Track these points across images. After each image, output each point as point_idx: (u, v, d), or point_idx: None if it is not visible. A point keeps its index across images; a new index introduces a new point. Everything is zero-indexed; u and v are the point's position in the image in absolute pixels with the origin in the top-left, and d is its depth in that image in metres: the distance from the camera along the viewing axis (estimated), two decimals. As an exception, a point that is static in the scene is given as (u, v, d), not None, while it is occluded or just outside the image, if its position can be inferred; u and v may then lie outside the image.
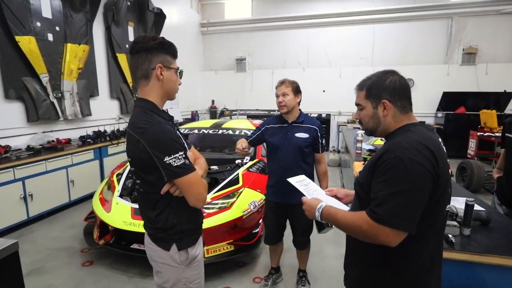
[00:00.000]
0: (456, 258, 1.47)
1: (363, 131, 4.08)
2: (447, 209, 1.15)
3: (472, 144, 6.30)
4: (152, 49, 1.25)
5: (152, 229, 1.36)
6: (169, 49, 1.30)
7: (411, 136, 1.05)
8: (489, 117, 6.14)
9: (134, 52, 1.26)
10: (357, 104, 1.23)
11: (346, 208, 1.30)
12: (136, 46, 1.26)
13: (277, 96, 2.24)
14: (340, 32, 8.85)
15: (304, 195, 1.36)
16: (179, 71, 1.36)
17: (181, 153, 1.22)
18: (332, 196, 1.42)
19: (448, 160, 1.09)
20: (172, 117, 1.41)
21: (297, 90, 2.25)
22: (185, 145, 1.37)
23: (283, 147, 2.25)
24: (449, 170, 1.11)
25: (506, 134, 2.41)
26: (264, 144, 2.50)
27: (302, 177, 1.57)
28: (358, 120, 1.26)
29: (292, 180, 1.52)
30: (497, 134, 5.86)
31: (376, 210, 1.00)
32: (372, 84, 1.16)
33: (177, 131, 1.35)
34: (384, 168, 1.01)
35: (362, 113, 1.21)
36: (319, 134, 2.27)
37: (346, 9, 8.58)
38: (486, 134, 6.04)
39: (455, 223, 1.63)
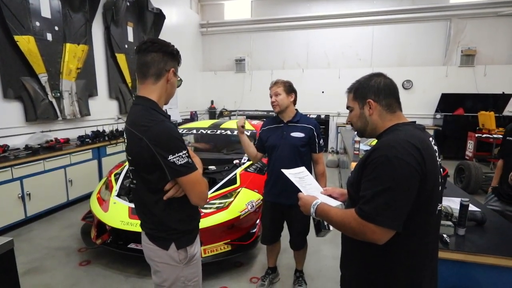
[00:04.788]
0: (451, 258, 1.48)
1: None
2: (441, 208, 1.16)
3: (470, 145, 6.32)
4: (170, 54, 1.30)
5: (151, 228, 1.36)
6: (179, 60, 1.38)
7: (399, 134, 1.06)
8: (487, 118, 6.16)
9: (152, 50, 1.27)
10: (347, 107, 1.27)
11: (339, 203, 1.31)
12: (155, 46, 1.28)
13: (270, 96, 2.27)
14: (339, 33, 8.87)
15: (300, 190, 1.36)
16: (179, 79, 1.41)
17: (184, 151, 1.23)
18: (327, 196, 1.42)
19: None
20: (169, 116, 1.42)
21: (289, 90, 2.26)
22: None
23: (279, 146, 2.26)
24: (440, 169, 1.11)
25: (507, 138, 2.44)
26: None
27: (301, 169, 1.56)
28: (349, 123, 1.29)
29: (287, 172, 1.51)
30: (495, 136, 5.87)
31: (363, 207, 1.02)
32: (358, 86, 1.21)
33: None
34: (372, 167, 1.03)
35: (351, 114, 1.25)
36: (315, 133, 2.28)
37: (345, 11, 8.60)
38: (484, 135, 6.06)
39: (450, 223, 1.64)
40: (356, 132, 1.34)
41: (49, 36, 4.48)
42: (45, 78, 4.41)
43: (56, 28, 4.58)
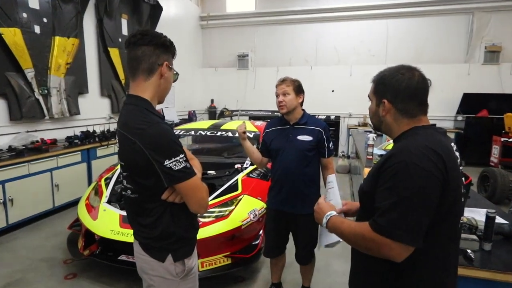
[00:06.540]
0: (476, 275, 1.44)
1: (375, 135, 4.06)
2: (463, 221, 1.13)
3: (495, 150, 6.25)
4: (162, 45, 1.29)
5: (146, 238, 1.34)
6: (174, 51, 1.36)
7: (418, 139, 1.04)
8: (514, 121, 6.10)
9: (142, 43, 1.26)
10: (368, 96, 1.25)
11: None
12: (145, 38, 1.26)
13: (277, 96, 2.24)
14: (351, 27, 8.87)
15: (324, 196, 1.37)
16: (175, 72, 1.39)
17: (181, 155, 1.21)
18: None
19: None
20: (164, 117, 1.41)
21: (299, 90, 2.24)
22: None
23: (285, 150, 2.24)
24: (462, 178, 1.09)
25: None
26: None
27: (332, 177, 1.56)
28: None
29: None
30: (522, 140, 5.81)
31: (378, 220, 0.98)
32: (379, 80, 1.17)
33: None
34: (388, 175, 1.00)
35: (370, 106, 1.24)
36: (324, 136, 2.25)
37: (357, 3, 8.60)
38: (510, 139, 5.99)
39: (474, 237, 1.60)
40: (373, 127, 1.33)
41: (37, 29, 4.51)
42: (32, 74, 4.44)
43: (45, 20, 4.62)
